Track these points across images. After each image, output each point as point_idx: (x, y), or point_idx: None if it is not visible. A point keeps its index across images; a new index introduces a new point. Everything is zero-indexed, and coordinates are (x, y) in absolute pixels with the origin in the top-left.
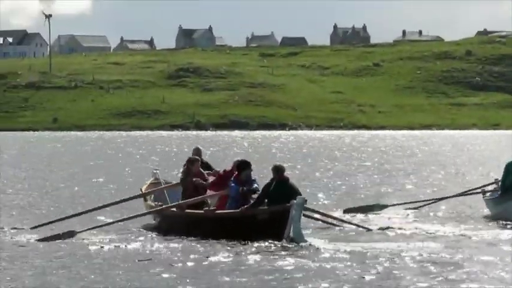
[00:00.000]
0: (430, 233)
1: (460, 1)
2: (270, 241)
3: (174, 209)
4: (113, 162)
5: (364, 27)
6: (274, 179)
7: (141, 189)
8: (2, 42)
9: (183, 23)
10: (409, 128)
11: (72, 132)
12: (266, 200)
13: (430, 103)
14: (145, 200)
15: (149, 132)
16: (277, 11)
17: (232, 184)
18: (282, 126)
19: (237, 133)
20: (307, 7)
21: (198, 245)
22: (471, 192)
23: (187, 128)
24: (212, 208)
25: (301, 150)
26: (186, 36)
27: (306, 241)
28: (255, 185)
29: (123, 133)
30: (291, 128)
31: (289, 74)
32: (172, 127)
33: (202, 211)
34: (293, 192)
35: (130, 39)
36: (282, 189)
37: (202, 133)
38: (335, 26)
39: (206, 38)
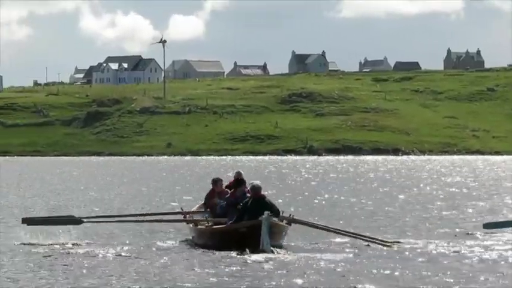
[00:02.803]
0: None
1: None
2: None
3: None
4: None
5: (478, 52)
6: (251, 196)
7: (181, 208)
8: (117, 68)
9: (296, 48)
10: None
11: (187, 157)
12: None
13: None
14: (185, 217)
15: (263, 157)
16: (390, 35)
17: (221, 204)
18: (395, 151)
19: (349, 158)
20: (421, 32)
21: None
22: None
23: (300, 153)
24: (210, 224)
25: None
26: (299, 61)
27: (271, 250)
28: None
29: (238, 157)
30: (404, 153)
31: (402, 98)
32: (285, 152)
33: (203, 226)
34: (267, 207)
35: (244, 64)
36: (257, 205)
37: (315, 158)
38: (449, 51)
39: (319, 63)
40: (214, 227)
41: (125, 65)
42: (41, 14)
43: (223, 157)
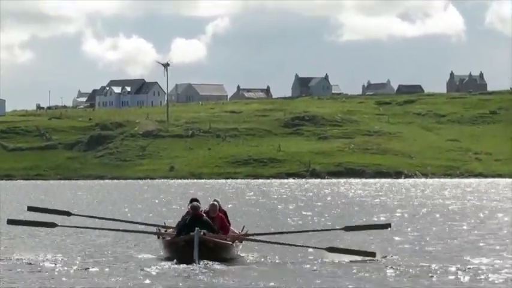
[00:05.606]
0: None
1: None
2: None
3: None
4: None
5: (481, 75)
6: (190, 214)
7: (164, 222)
8: (120, 91)
9: (299, 71)
10: None
11: (189, 181)
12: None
13: None
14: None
15: (265, 180)
16: (393, 58)
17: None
18: (398, 174)
19: (351, 181)
20: (423, 54)
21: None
22: None
23: (302, 176)
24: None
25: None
26: (302, 84)
27: (199, 262)
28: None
29: (243, 181)
30: (407, 176)
31: (405, 121)
32: (288, 175)
33: (164, 238)
34: (201, 225)
35: (247, 87)
36: (195, 222)
37: (318, 181)
38: (452, 74)
39: (322, 86)
40: (166, 239)
41: (128, 89)
42: (43, 37)
43: (226, 180)
